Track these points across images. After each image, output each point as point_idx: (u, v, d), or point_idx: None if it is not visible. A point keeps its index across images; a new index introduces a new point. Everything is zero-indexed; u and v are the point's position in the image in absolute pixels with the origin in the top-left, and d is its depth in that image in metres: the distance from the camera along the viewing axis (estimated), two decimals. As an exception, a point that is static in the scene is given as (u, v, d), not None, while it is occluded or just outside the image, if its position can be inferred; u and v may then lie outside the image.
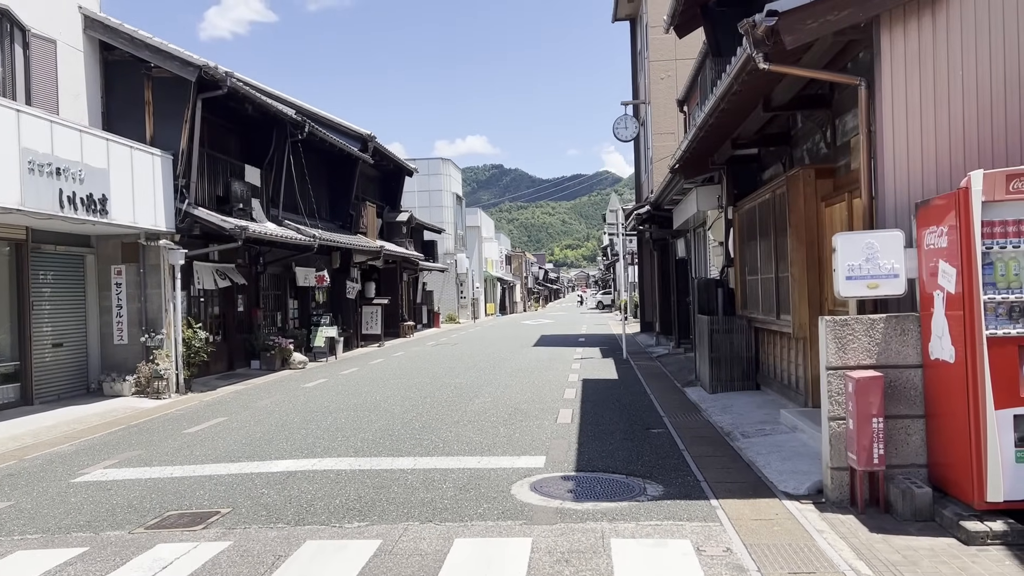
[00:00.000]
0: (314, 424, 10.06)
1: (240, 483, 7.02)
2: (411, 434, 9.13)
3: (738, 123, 9.71)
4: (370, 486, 6.76)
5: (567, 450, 7.99)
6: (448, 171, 44.68)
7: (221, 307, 17.09)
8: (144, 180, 12.98)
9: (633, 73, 28.37)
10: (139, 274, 13.68)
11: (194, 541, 5.43)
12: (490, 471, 7.17)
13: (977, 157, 6.01)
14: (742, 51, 6.74)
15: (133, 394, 13.17)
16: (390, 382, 14.55)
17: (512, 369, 16.25)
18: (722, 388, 11.35)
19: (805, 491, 6.17)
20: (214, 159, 16.13)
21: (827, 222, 8.72)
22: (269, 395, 13.28)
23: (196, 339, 14.23)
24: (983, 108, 5.98)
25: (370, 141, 24.46)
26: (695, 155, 11.26)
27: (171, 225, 13.79)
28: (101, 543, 5.45)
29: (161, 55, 13.68)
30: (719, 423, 9.28)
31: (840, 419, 5.82)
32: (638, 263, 29.24)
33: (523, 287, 79.26)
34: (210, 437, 9.43)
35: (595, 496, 6.24)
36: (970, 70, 6.01)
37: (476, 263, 49.85)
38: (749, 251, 11.27)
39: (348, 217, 24.03)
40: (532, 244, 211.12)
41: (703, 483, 6.59)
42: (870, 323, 5.82)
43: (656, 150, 22.57)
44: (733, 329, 11.47)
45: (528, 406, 11.04)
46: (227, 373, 16.67)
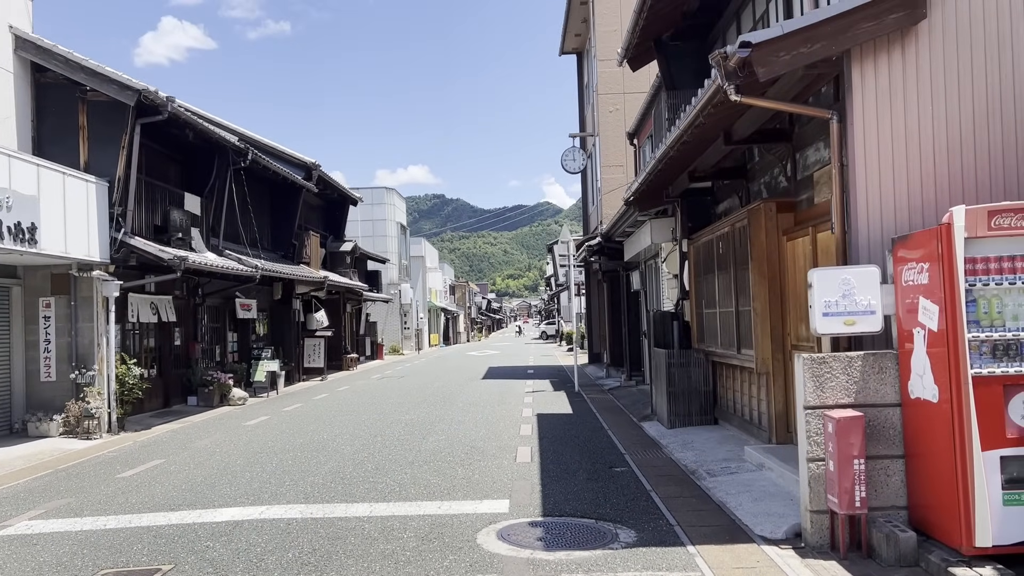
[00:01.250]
0: (259, 466, 9.52)
1: (182, 535, 6.50)
2: (364, 476, 8.69)
3: (697, 156, 9.65)
4: (324, 537, 6.32)
5: (531, 492, 7.67)
6: (392, 200, 44.26)
7: (157, 341, 16.32)
8: (77, 208, 12.32)
9: (580, 106, 28.54)
10: (70, 307, 12.94)
11: (133, 606, 4.93)
12: (452, 518, 6.79)
13: (949, 191, 5.98)
14: (710, 83, 6.62)
15: (61, 435, 12.39)
16: (337, 419, 14.01)
17: (464, 404, 15.86)
18: (680, 423, 11.18)
19: (783, 535, 5.97)
20: (152, 187, 15.48)
21: (789, 256, 8.66)
22: (208, 434, 12.63)
23: (130, 375, 13.51)
24: (955, 142, 5.97)
25: (314, 169, 23.98)
26: (652, 187, 11.18)
27: (106, 255, 13.11)
28: (26, 611, 4.92)
29: (98, 78, 13.09)
30: (682, 460, 9.08)
31: (819, 460, 5.64)
32: (586, 294, 29.21)
33: (467, 317, 78.83)
34: (147, 482, 8.83)
35: (566, 544, 5.93)
36: (940, 105, 6.00)
37: (420, 293, 49.34)
38: (706, 284, 11.19)
39: (291, 247, 23.42)
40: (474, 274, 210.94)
41: (677, 527, 6.33)
42: (848, 361, 5.69)
43: (605, 182, 22.62)
44: (690, 363, 11.34)
45: (485, 444, 10.68)
46: (163, 410, 15.89)
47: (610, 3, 22.91)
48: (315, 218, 27.93)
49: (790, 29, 5.83)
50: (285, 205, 23.14)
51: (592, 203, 26.27)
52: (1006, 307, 4.96)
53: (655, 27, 12.40)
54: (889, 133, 6.04)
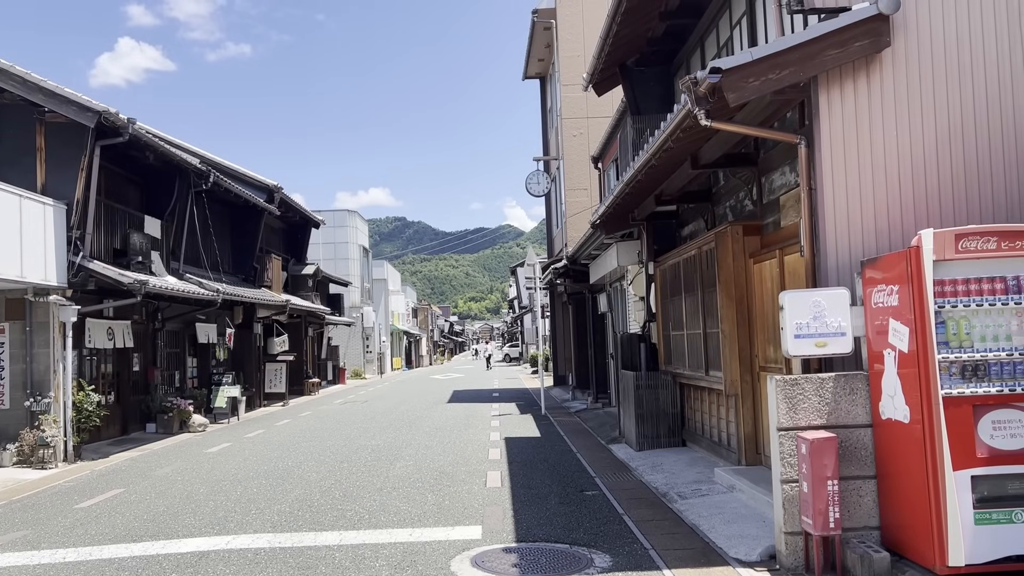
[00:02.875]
0: (223, 495, 9.30)
1: (146, 567, 6.30)
2: (332, 504, 8.53)
3: (664, 179, 9.74)
4: (294, 567, 6.17)
5: (503, 518, 7.59)
6: (354, 223, 44.03)
7: (115, 366, 15.94)
8: (34, 231, 12.02)
9: (543, 129, 28.74)
10: (25, 332, 12.59)
11: (96, 644, 4.75)
12: (425, 545, 6.69)
13: (914, 214, 6.10)
14: (679, 107, 6.70)
15: (15, 464, 11.99)
16: (301, 445, 13.78)
17: (430, 428, 15.71)
18: (649, 445, 11.19)
19: (757, 557, 5.97)
20: (112, 209, 15.20)
21: (756, 279, 8.75)
22: (169, 462, 12.33)
23: (88, 402, 13.16)
24: (919, 166, 6.11)
25: (276, 192, 23.78)
26: (618, 211, 11.26)
27: (63, 279, 12.79)
28: (-17, 651, 4.71)
29: (56, 99, 12.82)
30: (652, 483, 9.07)
31: (793, 482, 5.66)
32: (551, 316, 29.25)
33: (429, 340, 78.44)
34: (107, 512, 8.56)
35: (541, 569, 5.87)
36: (905, 129, 6.14)
37: (383, 316, 49.02)
38: (673, 307, 11.26)
39: (252, 270, 23.12)
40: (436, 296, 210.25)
41: (651, 551, 6.30)
42: (819, 382, 5.74)
43: (569, 205, 22.75)
44: (658, 385, 11.37)
45: (454, 469, 10.57)
46: (121, 438, 15.48)
47: (574, 29, 23.18)
48: (277, 241, 27.65)
49: (759, 56, 5.93)
50: (247, 228, 22.87)
51: (556, 226, 26.40)
52: (974, 328, 5.06)
53: (620, 53, 12.55)
54: (856, 157, 6.16)
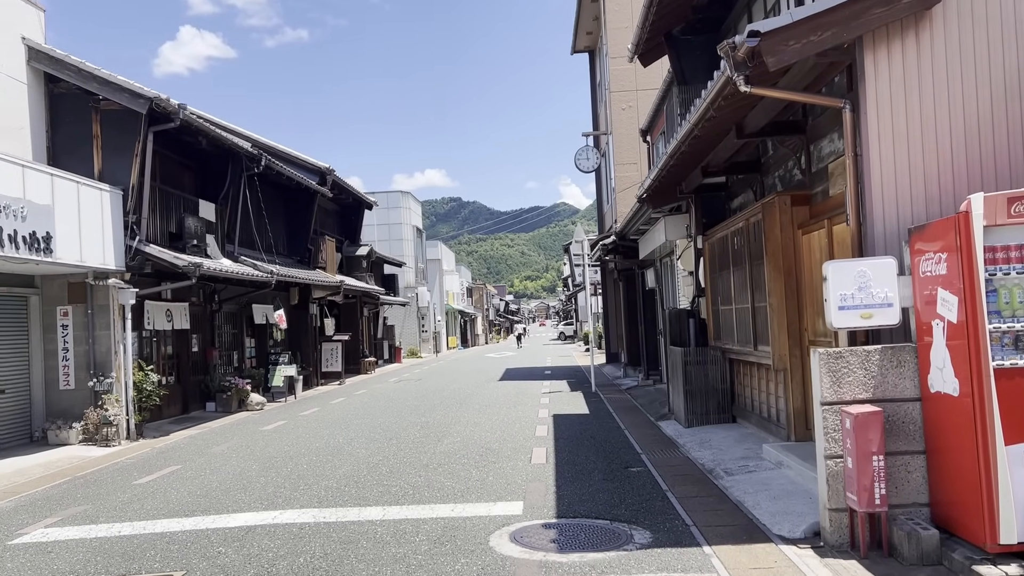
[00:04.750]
0: (274, 471, 9.50)
1: (195, 541, 6.47)
2: (378, 480, 8.63)
3: (709, 150, 9.52)
4: (336, 541, 6.26)
5: (545, 494, 7.58)
6: (408, 204, 44.31)
7: (175, 347, 16.38)
8: (92, 217, 12.38)
9: (593, 104, 28.41)
10: (87, 315, 13.00)
11: (142, 614, 4.90)
12: (465, 520, 6.72)
13: (966, 180, 5.83)
14: (719, 74, 6.52)
15: (80, 442, 12.44)
16: (353, 422, 13.99)
17: (480, 405, 15.79)
18: (698, 421, 11.05)
19: (801, 534, 5.84)
20: (167, 194, 15.55)
21: (805, 250, 8.52)
22: (226, 440, 12.64)
23: (148, 382, 13.55)
24: (972, 128, 5.82)
25: (328, 174, 24.01)
26: (664, 184, 11.05)
27: (121, 263, 13.16)
28: (37, 619, 4.89)
29: (110, 87, 13.14)
30: (699, 459, 8.95)
31: (837, 457, 5.51)
32: (602, 293, 29.05)
33: (484, 319, 78.83)
34: (162, 488, 8.82)
35: (580, 546, 5.83)
36: (957, 90, 5.85)
37: (437, 296, 49.37)
38: (722, 281, 11.05)
39: (307, 252, 23.47)
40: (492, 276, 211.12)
41: (692, 528, 6.22)
42: (865, 355, 5.55)
43: (619, 180, 22.47)
44: (707, 360, 11.20)
45: (500, 445, 10.60)
46: (181, 417, 15.94)
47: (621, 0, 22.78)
48: (331, 223, 27.99)
49: (800, 17, 5.71)
50: (300, 210, 23.20)
51: (607, 202, 26.13)
52: (1027, 296, 4.82)
53: (665, 21, 12.28)
54: (904, 121, 5.90)
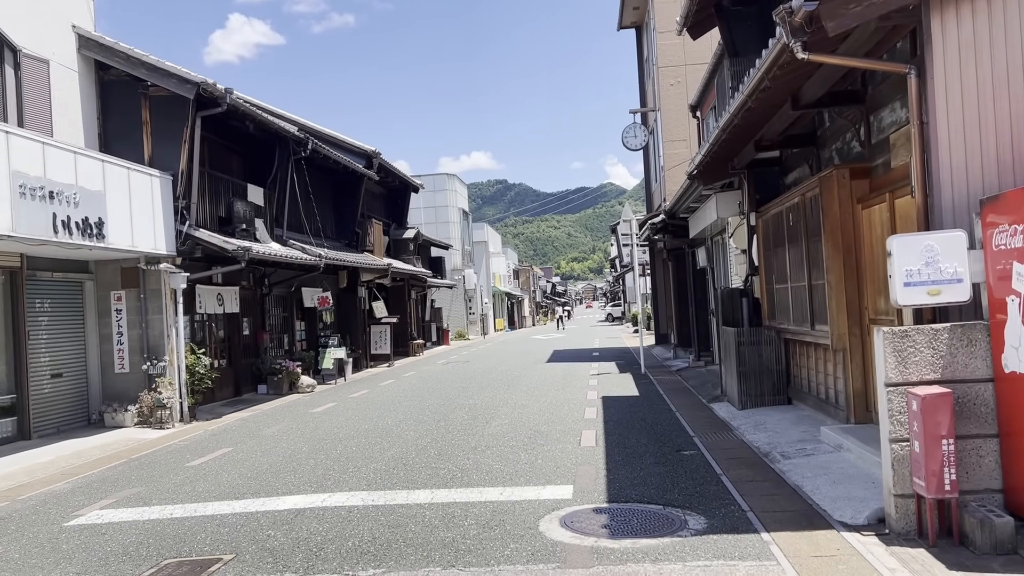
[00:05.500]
0: (323, 453, 9.52)
1: (245, 523, 6.48)
2: (426, 462, 8.58)
3: (763, 123, 9.19)
4: (385, 524, 6.21)
5: (595, 477, 7.43)
6: (454, 186, 44.29)
7: (226, 331, 16.60)
8: (143, 202, 12.52)
9: (640, 81, 27.92)
10: (140, 299, 13.20)
11: (192, 597, 4.89)
12: (514, 504, 6.61)
13: (1043, 148, 5.47)
14: (774, 42, 6.23)
15: (136, 424, 12.66)
16: (402, 404, 14.00)
17: (528, 387, 15.69)
18: (752, 403, 10.78)
19: (864, 520, 5.60)
20: (216, 179, 15.69)
21: (864, 225, 8.18)
22: (276, 422, 12.76)
23: (200, 365, 13.73)
24: (1049, 93, 5.45)
25: (375, 157, 24.05)
26: (715, 159, 10.74)
27: (172, 248, 13.31)
28: (89, 601, 4.92)
29: (158, 73, 13.26)
30: (754, 442, 8.71)
31: (903, 441, 5.25)
32: (651, 274, 28.67)
33: (531, 301, 78.73)
34: (214, 471, 8.90)
35: (632, 532, 5.68)
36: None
37: (484, 278, 49.38)
38: (776, 258, 10.73)
39: (354, 235, 23.57)
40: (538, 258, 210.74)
41: (749, 513, 6.02)
42: (933, 334, 5.27)
43: (668, 158, 22.05)
44: (761, 341, 10.91)
45: (548, 428, 10.48)
46: (234, 399, 16.16)
47: (668, -27, 22.24)
48: (377, 206, 28.08)
49: (861, -23, 5.40)
50: (347, 194, 23.29)
51: (655, 180, 25.71)
52: (1114, 270, 4.50)
53: (715, -8, 11.91)
54: (974, 85, 5.56)
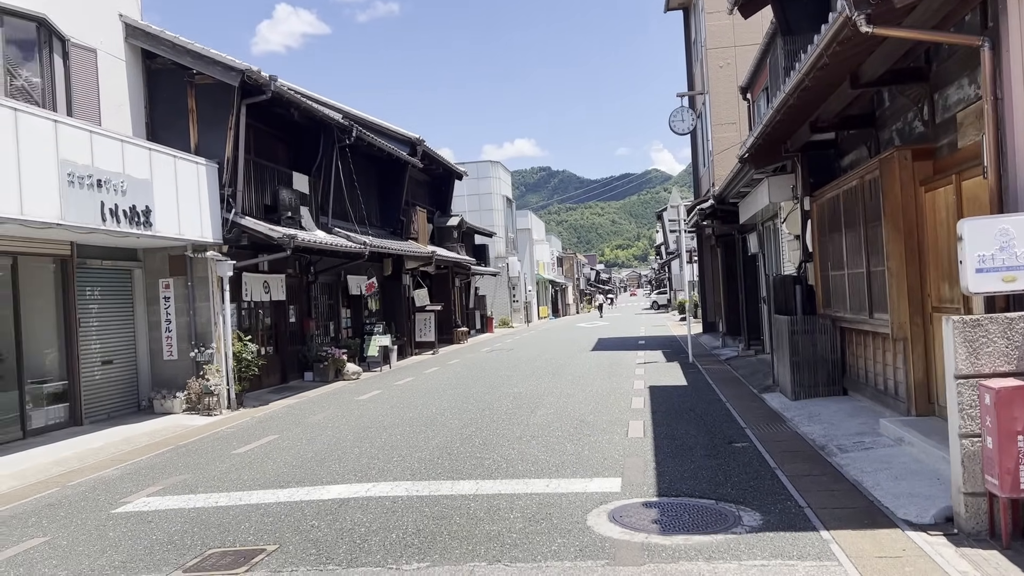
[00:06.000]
0: (368, 442, 9.46)
1: (289, 513, 6.42)
2: (471, 452, 8.46)
3: (819, 103, 8.82)
4: (429, 516, 6.09)
5: (644, 470, 7.23)
6: (498, 174, 44.12)
7: (273, 318, 16.70)
8: (189, 190, 12.59)
9: (688, 63, 27.38)
10: (187, 287, 13.29)
11: (235, 588, 4.82)
12: (561, 497, 6.44)
13: None
14: (835, 16, 5.91)
15: (184, 411, 12.78)
16: (446, 392, 13.93)
17: (573, 376, 15.50)
18: (805, 394, 10.44)
19: (931, 519, 5.31)
20: (261, 167, 15.74)
21: (928, 208, 7.80)
22: (322, 409, 12.77)
23: (246, 352, 13.80)
24: None
25: (419, 145, 23.99)
26: (768, 141, 10.38)
27: (218, 236, 13.39)
28: (133, 591, 4.89)
29: (203, 61, 13.30)
30: (809, 435, 8.41)
31: (974, 436, 4.95)
32: (698, 261, 28.19)
33: (575, 289, 78.36)
34: (259, 458, 8.90)
35: (684, 528, 5.47)
36: (1121, 20, 5.10)
37: (528, 266, 49.20)
38: (832, 244, 10.35)
39: (399, 223, 23.57)
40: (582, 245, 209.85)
41: (807, 509, 5.76)
42: (1007, 323, 4.95)
43: (716, 142, 21.57)
44: (815, 330, 10.56)
45: (594, 418, 10.28)
46: (280, 386, 16.27)
47: (717, -49, 21.69)
48: (422, 194, 28.05)
49: (932, -57, 5.07)
50: (391, 182, 23.28)
51: (703, 165, 25.21)
52: None
53: (768, -32, 11.50)
54: (1055, 57, 5.19)
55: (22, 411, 10.71)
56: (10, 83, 10.76)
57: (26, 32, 11.23)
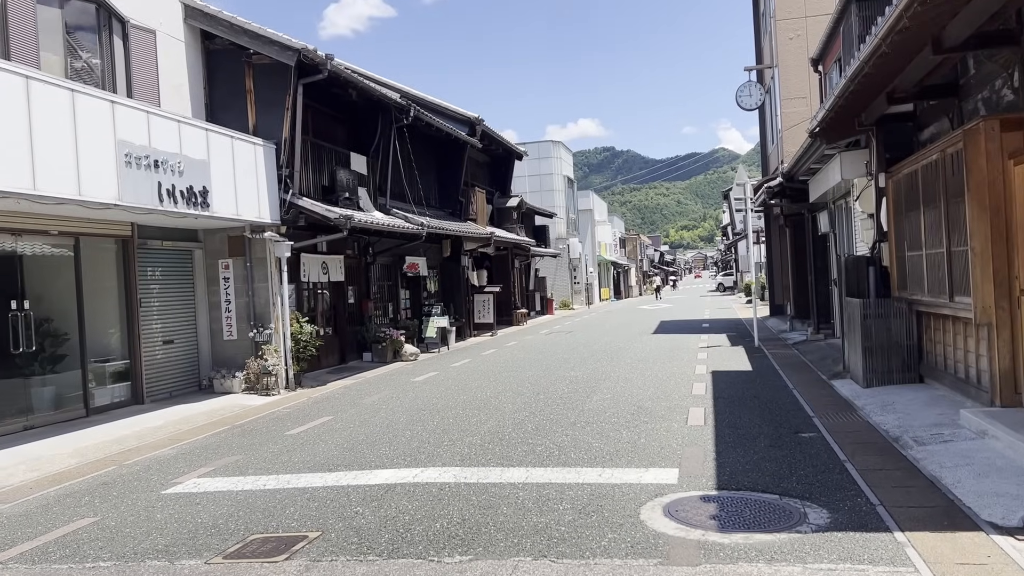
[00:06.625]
0: (420, 425, 9.31)
1: (335, 498, 6.29)
2: (523, 438, 8.22)
3: (897, 72, 8.23)
4: (476, 505, 5.87)
5: (703, 460, 6.87)
6: (559, 154, 43.60)
7: (332, 299, 16.74)
8: (246, 171, 12.61)
9: (756, 36, 26.43)
10: (246, 268, 13.36)
11: (272, 578, 4.68)
12: (614, 488, 6.15)
13: None
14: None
15: (243, 391, 12.87)
16: (502, 375, 13.73)
17: (632, 359, 15.12)
18: (878, 381, 9.89)
19: (1019, 522, 4.85)
20: (319, 147, 15.72)
21: (1017, 184, 7.21)
22: (378, 390, 12.71)
23: (303, 333, 13.82)
24: None
25: (478, 124, 23.74)
26: (841, 114, 9.80)
27: (276, 217, 13.40)
28: (171, 577, 4.79)
29: (260, 40, 13.28)
30: (882, 425, 7.91)
31: (1072, 433, 4.47)
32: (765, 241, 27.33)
33: (638, 270, 77.38)
34: (311, 440, 8.84)
35: (744, 525, 5.12)
36: None
37: (589, 247, 48.65)
38: (909, 223, 9.74)
39: (457, 204, 23.42)
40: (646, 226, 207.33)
41: (879, 507, 5.34)
42: (1112, 308, 4.44)
43: (786, 117, 20.73)
44: (889, 313, 9.98)
45: (653, 404, 9.93)
46: (339, 366, 16.31)
47: (787, -82, 20.78)
48: (481, 174, 27.85)
49: None
50: (450, 162, 23.11)
51: (771, 142, 24.35)
52: None
53: (842, -70, 10.83)
54: None
55: (85, 389, 10.90)
56: (71, 65, 10.87)
57: (86, 14, 11.33)
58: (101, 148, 9.44)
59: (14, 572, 5.08)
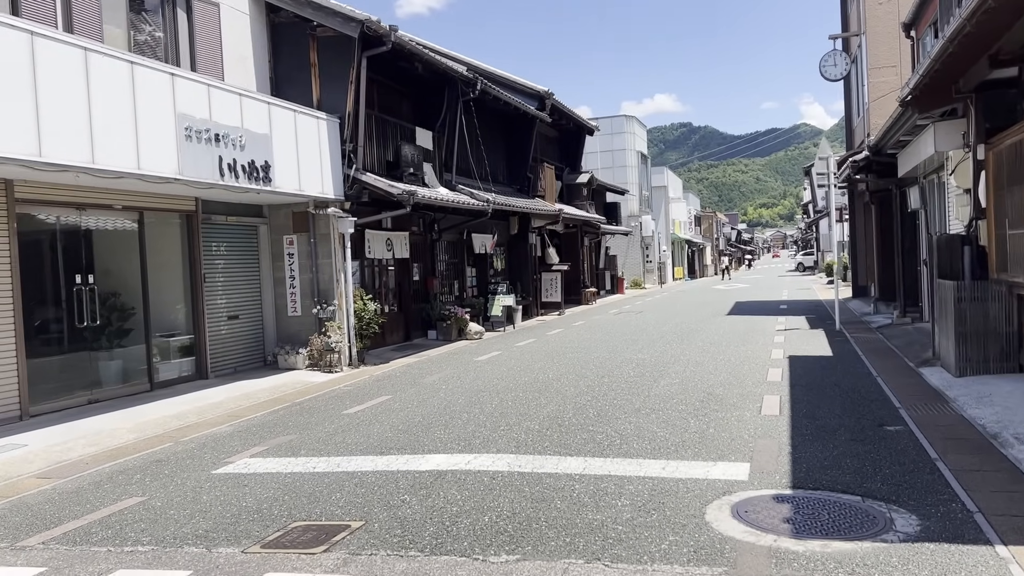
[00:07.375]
0: (478, 407, 9.01)
1: (383, 484, 6.02)
2: (583, 424, 7.82)
3: (1003, 30, 7.42)
4: (528, 498, 5.52)
5: (777, 455, 6.35)
6: (632, 128, 42.60)
7: (397, 276, 16.60)
8: (309, 145, 12.46)
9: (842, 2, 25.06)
10: (310, 244, 13.27)
11: (307, 573, 4.42)
12: (678, 483, 5.70)
13: None
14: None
15: (307, 367, 12.81)
16: (566, 356, 13.33)
17: (703, 342, 14.51)
18: (973, 370, 9.12)
19: None
20: (383, 122, 15.50)
21: None
22: (440, 369, 12.49)
23: (366, 310, 13.68)
24: None
25: (547, 98, 23.22)
26: (936, 79, 8.97)
27: (339, 192, 13.25)
28: (206, 567, 4.58)
29: (323, 12, 13.07)
30: (978, 419, 7.23)
31: None
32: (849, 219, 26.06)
33: (714, 249, 75.62)
34: (367, 420, 8.63)
35: (822, 530, 4.63)
36: None
37: (663, 225, 47.61)
38: (1011, 198, 8.90)
39: (525, 180, 23.00)
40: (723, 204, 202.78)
41: (977, 515, 4.77)
42: None
43: (873, 87, 19.56)
44: (987, 296, 9.18)
45: (724, 391, 9.38)
46: (403, 344, 16.19)
47: None
48: (550, 150, 27.33)
49: None
50: (518, 137, 22.68)
51: (857, 115, 23.09)
52: None
53: None
54: None
55: (149, 364, 10.97)
56: (134, 39, 10.84)
57: (150, -12, 11.27)
58: (161, 121, 9.37)
59: (54, 553, 4.97)
